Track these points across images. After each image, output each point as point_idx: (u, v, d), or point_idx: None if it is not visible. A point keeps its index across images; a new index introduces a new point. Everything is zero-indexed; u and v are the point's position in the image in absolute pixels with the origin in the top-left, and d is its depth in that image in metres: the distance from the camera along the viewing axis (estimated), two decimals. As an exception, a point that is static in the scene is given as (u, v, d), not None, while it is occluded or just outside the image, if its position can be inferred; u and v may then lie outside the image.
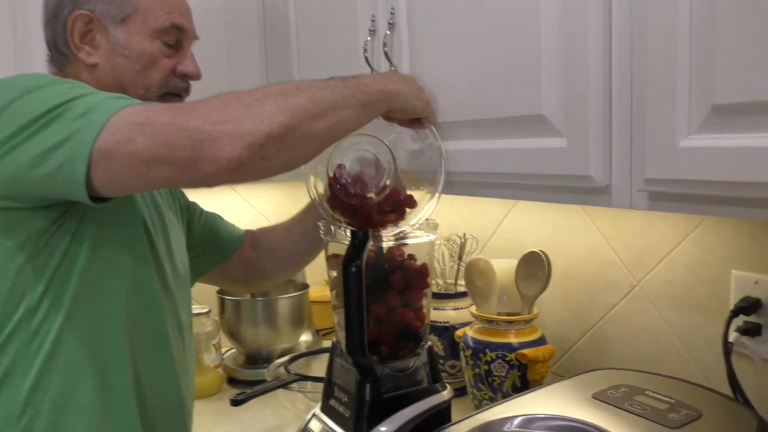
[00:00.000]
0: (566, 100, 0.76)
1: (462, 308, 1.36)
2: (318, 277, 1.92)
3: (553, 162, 0.79)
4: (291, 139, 0.68)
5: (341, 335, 1.02)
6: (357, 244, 0.90)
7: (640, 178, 0.69)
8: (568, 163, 0.77)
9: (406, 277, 0.97)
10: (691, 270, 1.00)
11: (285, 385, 1.25)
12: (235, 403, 1.17)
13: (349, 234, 0.92)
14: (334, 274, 1.02)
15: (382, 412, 0.94)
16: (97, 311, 0.81)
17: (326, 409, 1.02)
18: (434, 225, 1.00)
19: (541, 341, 1.17)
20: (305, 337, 1.68)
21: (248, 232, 1.23)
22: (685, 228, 1.00)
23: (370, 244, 0.91)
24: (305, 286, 1.61)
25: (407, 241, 0.98)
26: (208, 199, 1.75)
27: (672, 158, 0.65)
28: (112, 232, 0.81)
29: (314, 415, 1.04)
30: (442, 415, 0.98)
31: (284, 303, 1.53)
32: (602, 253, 1.15)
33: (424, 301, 1.00)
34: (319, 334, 1.74)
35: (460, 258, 1.38)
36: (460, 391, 1.38)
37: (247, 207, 1.82)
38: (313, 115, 0.70)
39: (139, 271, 0.85)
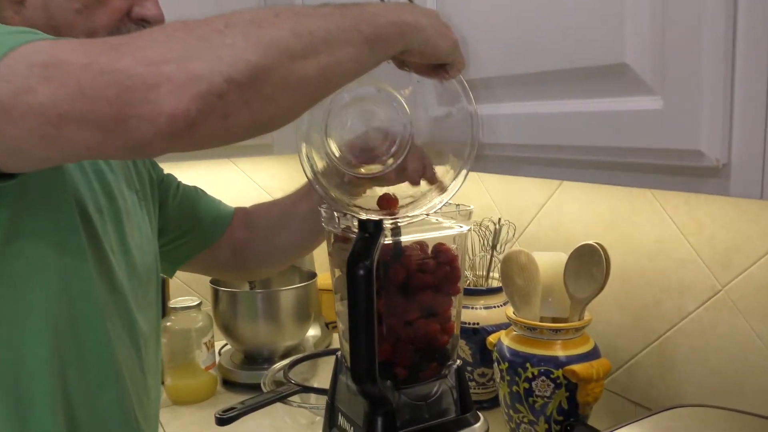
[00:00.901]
0: (663, 41, 0.53)
1: (495, 307, 1.15)
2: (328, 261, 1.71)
3: (640, 131, 0.56)
4: (265, 87, 0.47)
5: (346, 349, 0.81)
6: (366, 239, 0.68)
7: (782, 153, 0.46)
8: (664, 133, 0.54)
9: (430, 279, 0.76)
10: (801, 274, 0.77)
11: (283, 399, 1.05)
12: (222, 422, 0.97)
13: (356, 224, 0.71)
14: (338, 273, 0.81)
15: (397, 453, 0.74)
16: (11, 324, 0.60)
17: (328, 442, 0.82)
18: (467, 213, 0.78)
19: (593, 354, 0.95)
20: (313, 332, 1.47)
21: (239, 210, 1.02)
22: (795, 220, 0.77)
23: (383, 239, 0.70)
24: (312, 275, 1.41)
25: (433, 233, 0.76)
26: (197, 175, 1.54)
27: None
28: (32, 221, 0.60)
29: (313, 445, 0.84)
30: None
31: (288, 295, 1.33)
32: (675, 248, 0.92)
33: (453, 310, 0.78)
34: (329, 327, 1.54)
35: (493, 247, 1.16)
36: (490, 403, 1.17)
37: (249, 183, 1.62)
38: (297, 53, 0.48)
39: (71, 271, 0.64)
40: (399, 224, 0.75)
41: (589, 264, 0.93)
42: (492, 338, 1.05)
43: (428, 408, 0.77)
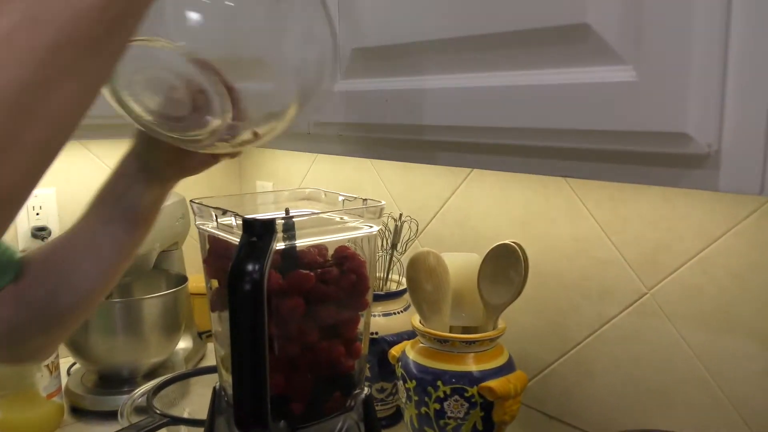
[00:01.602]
0: (639, -3, 0.42)
1: (395, 313, 1.02)
2: (200, 261, 1.51)
3: (606, 109, 0.45)
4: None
5: (226, 379, 0.65)
6: (252, 244, 0.53)
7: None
8: (638, 112, 0.43)
9: (333, 291, 0.61)
10: (736, 276, 0.71)
11: (146, 434, 0.86)
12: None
13: (238, 224, 0.55)
14: (215, 284, 0.64)
15: None
16: None
17: (203, 497, 0.65)
18: (377, 210, 0.64)
19: (509, 367, 0.85)
20: (183, 344, 1.28)
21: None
22: (733, 216, 0.70)
23: (275, 243, 0.54)
24: (182, 279, 1.21)
25: (336, 236, 0.62)
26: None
27: None
28: None
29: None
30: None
31: (153, 304, 1.12)
32: (596, 247, 0.84)
33: (361, 327, 0.65)
34: (203, 338, 1.35)
35: (393, 246, 1.03)
36: (389, 420, 1.05)
37: (106, 171, 1.38)
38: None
39: None
40: (293, 223, 0.60)
41: (505, 266, 0.83)
42: (395, 351, 0.92)
43: (331, 449, 0.63)
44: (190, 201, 0.64)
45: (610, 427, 0.85)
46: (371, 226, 0.63)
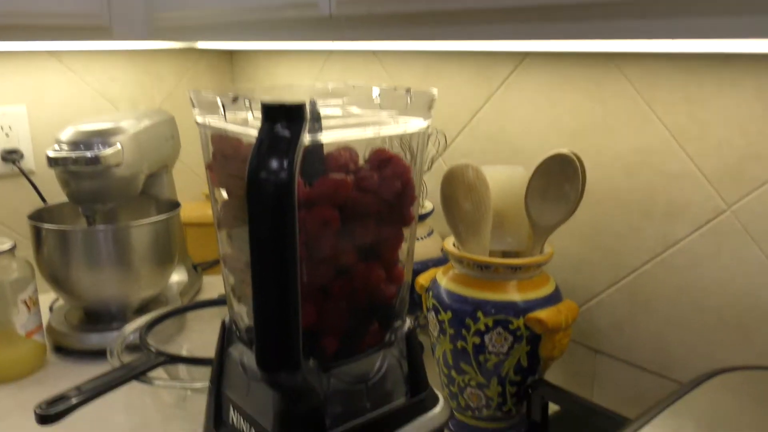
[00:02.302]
0: None
1: (420, 238, 0.91)
2: (194, 188, 1.39)
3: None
4: None
5: (238, 310, 0.53)
6: (276, 137, 0.40)
7: None
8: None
9: (372, 203, 0.49)
10: (844, 186, 0.59)
11: (139, 376, 0.75)
12: (44, 419, 0.66)
13: (257, 114, 0.41)
14: (223, 195, 0.52)
15: (328, 467, 0.48)
16: None
17: (214, 450, 0.55)
18: (428, 99, 0.51)
19: (556, 297, 0.74)
20: (177, 277, 1.16)
21: None
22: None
23: (306, 136, 0.41)
24: (174, 205, 1.08)
25: (382, 129, 0.49)
26: (11, 72, 1.14)
27: None
28: None
29: (191, 454, 0.56)
30: None
31: (143, 232, 1.00)
32: (664, 160, 0.71)
33: (404, 248, 0.53)
34: (198, 270, 1.23)
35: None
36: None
37: (82, 88, 1.23)
38: None
39: None
40: (319, 112, 0.47)
41: (559, 180, 0.71)
42: (423, 279, 0.81)
43: (369, 392, 0.52)
44: (189, 91, 0.50)
45: (669, 365, 0.75)
46: (421, 120, 0.50)
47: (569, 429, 0.73)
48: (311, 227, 0.46)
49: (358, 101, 0.55)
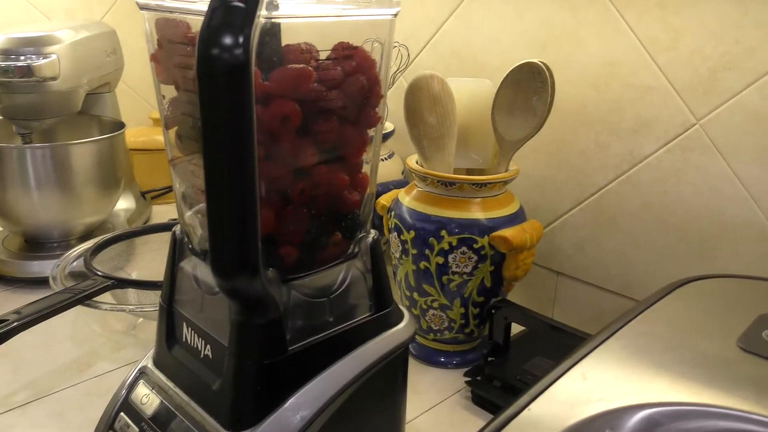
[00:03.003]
0: None
1: (384, 159, 0.87)
2: (140, 113, 1.31)
3: None
4: None
5: (190, 221, 0.50)
6: (231, 7, 0.35)
7: None
8: None
9: (335, 99, 0.45)
10: (816, 97, 0.58)
11: (85, 300, 0.70)
12: (-16, 343, 0.62)
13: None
14: (173, 91, 0.47)
15: (289, 381, 0.46)
16: None
17: (166, 367, 0.51)
18: (395, -13, 0.46)
19: (520, 216, 0.72)
20: (125, 204, 1.11)
21: None
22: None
23: (261, 9, 0.37)
24: (119, 126, 1.01)
25: (350, 13, 0.44)
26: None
27: None
28: None
29: (141, 373, 0.53)
30: (397, 369, 0.52)
31: (84, 152, 0.93)
32: (635, 72, 0.69)
33: (369, 152, 0.49)
34: (146, 198, 1.18)
35: (377, 81, 0.86)
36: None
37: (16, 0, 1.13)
38: None
39: None
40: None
41: (527, 92, 0.68)
42: (384, 200, 0.78)
43: (331, 306, 0.49)
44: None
45: (632, 283, 0.74)
46: (386, 11, 0.46)
47: (531, 349, 0.73)
48: (269, 123, 0.42)
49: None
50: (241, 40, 0.34)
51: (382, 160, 0.88)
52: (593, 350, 0.42)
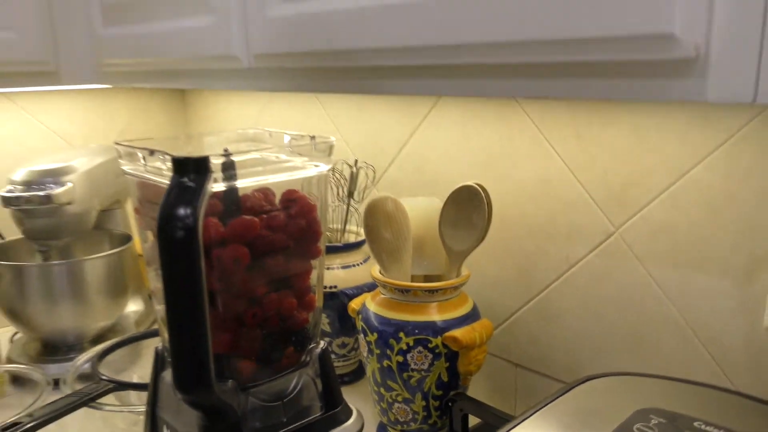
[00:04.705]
0: None
1: (354, 265, 0.97)
2: (150, 222, 1.43)
3: (588, 11, 0.39)
4: None
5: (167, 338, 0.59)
6: (184, 187, 0.46)
7: None
8: (621, 11, 0.38)
9: (281, 239, 0.56)
10: (708, 209, 0.67)
11: (89, 402, 0.80)
12: (-2, 448, 0.71)
13: (168, 166, 0.48)
14: (150, 237, 0.58)
15: (247, 476, 0.54)
16: None
17: (148, 466, 0.60)
18: (326, 147, 0.58)
19: (473, 316, 0.81)
20: (134, 307, 1.21)
21: None
22: (704, 146, 0.66)
23: (211, 185, 0.48)
24: (127, 239, 1.14)
25: (282, 176, 0.56)
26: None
27: None
28: None
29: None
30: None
31: (96, 266, 1.05)
32: (562, 188, 0.79)
33: (314, 277, 0.59)
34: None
35: (350, 195, 0.98)
36: (352, 377, 1.01)
37: (34, 125, 1.28)
38: None
39: None
40: (233, 161, 0.54)
41: (468, 210, 0.78)
42: (354, 304, 0.87)
43: (285, 409, 0.58)
44: (115, 143, 0.57)
45: (579, 372, 0.82)
46: (319, 165, 0.57)
47: (490, 438, 0.80)
48: (225, 263, 0.52)
49: (275, 147, 0.62)
50: (189, 212, 0.45)
51: (357, 265, 0.98)
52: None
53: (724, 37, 0.35)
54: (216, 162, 0.50)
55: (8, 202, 0.97)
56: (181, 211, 0.45)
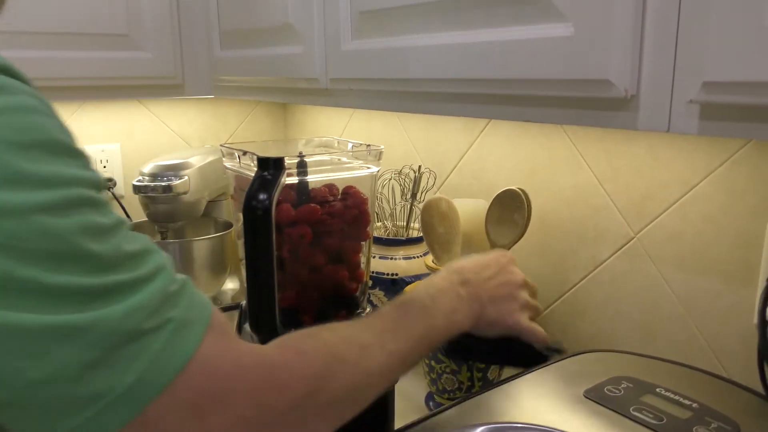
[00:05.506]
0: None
1: (414, 257, 1.12)
2: (250, 214, 1.65)
3: (551, 60, 0.52)
4: None
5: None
6: (264, 178, 0.63)
7: (693, 82, 0.44)
8: (574, 61, 0.51)
9: (337, 223, 0.71)
10: (710, 220, 0.77)
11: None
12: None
13: (255, 163, 0.65)
14: (241, 217, 0.76)
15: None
16: None
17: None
18: (377, 153, 0.74)
19: (510, 303, 0.93)
20: (231, 285, 1.42)
21: None
22: (708, 165, 0.76)
23: (284, 178, 0.65)
24: (228, 225, 1.34)
25: (341, 174, 0.72)
26: (104, 119, 1.44)
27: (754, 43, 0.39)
28: None
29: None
30: (382, 409, 0.75)
31: (202, 246, 1.26)
32: (591, 195, 0.91)
33: (362, 256, 0.75)
34: (250, 280, 1.49)
35: (413, 196, 1.13)
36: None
37: (162, 129, 1.52)
38: None
39: None
40: (305, 161, 0.70)
41: (510, 209, 0.91)
42: (412, 288, 1.02)
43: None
44: (220, 145, 0.75)
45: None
46: (370, 167, 0.73)
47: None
48: (293, 238, 0.69)
49: (339, 152, 0.78)
50: (266, 197, 0.62)
51: (418, 257, 1.12)
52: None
53: (648, 83, 0.47)
54: (291, 161, 0.67)
55: (138, 189, 1.20)
56: (261, 196, 0.62)
